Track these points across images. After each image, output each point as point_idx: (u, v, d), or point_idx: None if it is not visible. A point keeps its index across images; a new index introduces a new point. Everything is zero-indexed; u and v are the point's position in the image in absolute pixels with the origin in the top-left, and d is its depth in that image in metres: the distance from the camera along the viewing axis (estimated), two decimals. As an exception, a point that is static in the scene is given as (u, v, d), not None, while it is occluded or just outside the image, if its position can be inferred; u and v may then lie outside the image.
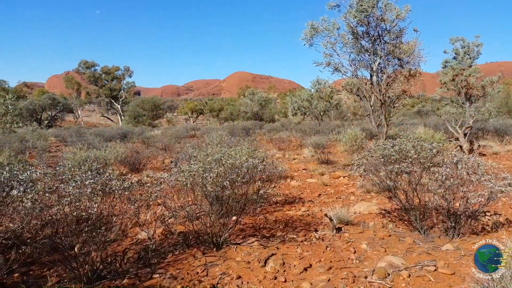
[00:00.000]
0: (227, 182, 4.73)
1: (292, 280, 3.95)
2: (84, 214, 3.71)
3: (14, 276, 4.08)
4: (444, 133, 14.69)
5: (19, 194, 3.69)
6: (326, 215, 5.94)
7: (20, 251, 3.73)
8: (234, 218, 5.25)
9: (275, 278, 3.99)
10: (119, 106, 55.59)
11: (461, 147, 12.15)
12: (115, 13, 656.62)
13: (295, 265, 4.30)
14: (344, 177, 10.06)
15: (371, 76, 11.93)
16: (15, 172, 4.18)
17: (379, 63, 11.65)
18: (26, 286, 3.86)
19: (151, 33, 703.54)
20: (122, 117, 53.56)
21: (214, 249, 4.83)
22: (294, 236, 5.39)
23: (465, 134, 12.62)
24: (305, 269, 4.20)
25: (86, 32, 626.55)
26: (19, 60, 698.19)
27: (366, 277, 3.94)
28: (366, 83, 12.11)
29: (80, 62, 54.83)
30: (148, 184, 4.65)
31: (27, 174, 4.08)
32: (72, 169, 4.47)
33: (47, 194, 3.77)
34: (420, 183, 5.07)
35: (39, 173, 4.18)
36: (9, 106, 28.12)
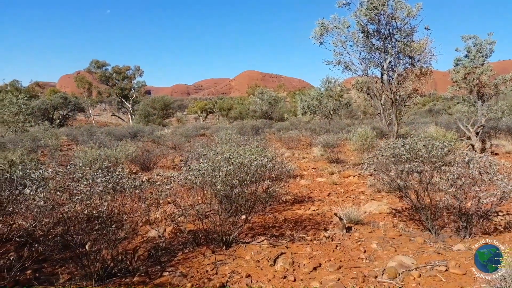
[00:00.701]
0: (236, 181, 4.74)
1: (302, 279, 3.94)
2: (95, 212, 3.75)
3: (26, 273, 4.14)
4: (456, 132, 14.48)
5: (31, 193, 3.74)
6: (335, 214, 5.91)
7: (33, 249, 3.79)
8: (243, 216, 5.25)
9: (285, 277, 3.99)
10: (129, 105, 55.96)
11: (473, 146, 11.97)
12: (124, 13, 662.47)
13: (304, 264, 4.29)
14: (354, 176, 10.00)
15: (382, 75, 11.85)
16: (27, 170, 4.25)
17: (390, 62, 11.56)
18: (38, 283, 3.91)
19: (159, 33, 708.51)
20: (133, 116, 53.91)
21: (224, 247, 4.84)
22: (304, 235, 5.37)
23: (477, 133, 12.43)
24: (315, 269, 4.18)
25: (97, 32, 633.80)
26: (32, 60, 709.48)
27: (376, 277, 3.91)
28: (376, 82, 12.01)
29: (92, 62, 55.28)
30: (158, 183, 4.68)
31: (39, 172, 4.14)
32: (83, 167, 4.52)
33: (58, 193, 3.82)
34: (431, 182, 5.02)
35: (51, 171, 4.24)
36: (22, 106, 28.44)
